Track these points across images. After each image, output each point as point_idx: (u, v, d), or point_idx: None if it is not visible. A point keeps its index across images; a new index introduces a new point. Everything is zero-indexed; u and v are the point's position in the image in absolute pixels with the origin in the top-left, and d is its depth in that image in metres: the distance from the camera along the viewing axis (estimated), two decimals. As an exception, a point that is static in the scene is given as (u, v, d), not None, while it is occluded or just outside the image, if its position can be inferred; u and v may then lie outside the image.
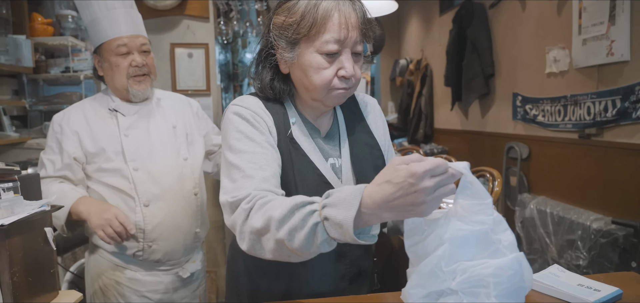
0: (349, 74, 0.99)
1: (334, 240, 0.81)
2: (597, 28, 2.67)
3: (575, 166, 3.07)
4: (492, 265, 0.78)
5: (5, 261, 0.95)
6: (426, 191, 0.73)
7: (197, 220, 1.69)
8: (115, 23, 1.57)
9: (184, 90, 3.14)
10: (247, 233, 0.89)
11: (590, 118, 2.83)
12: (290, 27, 1.00)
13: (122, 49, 1.57)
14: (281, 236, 0.82)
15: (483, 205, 0.80)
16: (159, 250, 1.58)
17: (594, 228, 2.70)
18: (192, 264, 1.72)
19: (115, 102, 1.63)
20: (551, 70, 3.22)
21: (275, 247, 0.85)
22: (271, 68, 1.09)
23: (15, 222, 0.96)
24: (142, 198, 1.55)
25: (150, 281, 1.61)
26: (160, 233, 1.58)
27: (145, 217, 1.55)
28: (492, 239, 0.80)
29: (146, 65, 1.61)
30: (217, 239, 3.28)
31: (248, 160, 0.96)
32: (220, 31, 3.73)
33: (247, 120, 1.02)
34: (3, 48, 2.50)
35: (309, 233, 0.81)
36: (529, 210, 3.31)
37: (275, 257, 0.88)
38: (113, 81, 1.61)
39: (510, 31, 3.78)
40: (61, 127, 1.56)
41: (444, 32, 4.88)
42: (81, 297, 1.19)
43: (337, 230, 0.79)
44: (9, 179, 1.04)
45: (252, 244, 0.89)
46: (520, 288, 0.80)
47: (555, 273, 1.06)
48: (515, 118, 3.73)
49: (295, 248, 0.82)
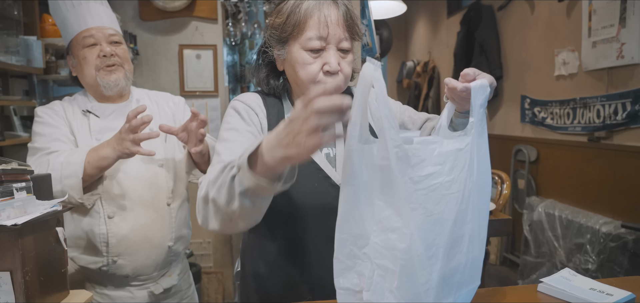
0: (333, 69, 1.04)
1: (248, 189, 0.82)
2: (608, 30, 2.65)
3: (584, 169, 3.05)
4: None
5: (18, 260, 0.96)
6: (318, 114, 0.69)
7: (171, 232, 1.54)
8: (82, 17, 1.51)
9: (192, 91, 3.16)
10: (198, 202, 0.94)
11: (599, 121, 2.81)
12: (279, 26, 1.09)
13: (88, 40, 1.50)
14: (213, 195, 0.87)
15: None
16: (126, 265, 1.47)
17: (604, 232, 2.68)
18: (167, 279, 1.58)
19: (91, 103, 1.55)
20: (560, 72, 3.20)
21: (213, 209, 0.89)
22: (266, 66, 1.18)
23: (28, 222, 0.97)
24: (106, 209, 1.45)
25: (121, 295, 1.50)
26: (126, 247, 1.46)
27: (109, 230, 1.44)
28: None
29: (115, 55, 1.52)
30: (224, 240, 3.29)
31: (227, 148, 1.03)
32: (229, 33, 3.74)
33: (238, 113, 1.11)
34: (14, 49, 2.52)
35: (229, 186, 0.84)
36: (537, 213, 3.29)
37: (221, 226, 0.91)
38: (84, 77, 1.52)
39: (519, 33, 3.77)
40: (48, 114, 1.49)
41: (452, 34, 4.86)
42: (91, 297, 1.19)
43: (243, 175, 0.81)
44: (22, 179, 1.04)
45: (202, 214, 0.93)
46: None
47: (567, 277, 1.05)
48: (524, 120, 3.71)
49: (222, 205, 0.86)
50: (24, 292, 0.97)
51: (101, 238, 1.44)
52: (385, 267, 0.77)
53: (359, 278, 0.82)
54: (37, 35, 2.72)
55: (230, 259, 3.31)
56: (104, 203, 1.45)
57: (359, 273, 0.82)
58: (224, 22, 3.47)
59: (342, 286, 0.84)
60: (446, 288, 0.82)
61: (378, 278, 0.78)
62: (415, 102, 5.87)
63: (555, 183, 3.39)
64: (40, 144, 1.44)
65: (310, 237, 1.09)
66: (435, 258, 0.78)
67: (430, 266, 0.77)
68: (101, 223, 1.45)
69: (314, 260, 1.10)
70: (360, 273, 0.82)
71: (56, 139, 1.44)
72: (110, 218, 1.45)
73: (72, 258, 1.49)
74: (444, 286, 0.81)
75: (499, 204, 2.10)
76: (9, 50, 2.49)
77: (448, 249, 0.80)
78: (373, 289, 0.78)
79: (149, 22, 3.10)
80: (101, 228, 1.44)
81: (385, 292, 0.77)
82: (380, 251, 0.77)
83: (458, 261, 0.83)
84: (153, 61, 3.15)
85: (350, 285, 0.83)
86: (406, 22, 6.52)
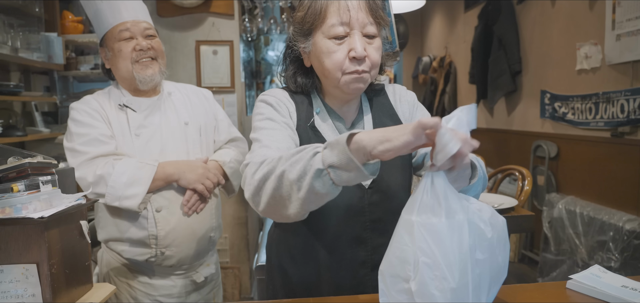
0: (359, 54, 1.01)
1: (332, 166, 0.81)
2: (633, 23, 2.58)
3: (607, 165, 2.98)
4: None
5: (44, 253, 0.97)
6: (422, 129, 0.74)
7: (212, 222, 1.61)
8: (117, 10, 1.52)
9: (208, 87, 3.16)
10: (253, 181, 0.92)
11: (623, 116, 2.75)
12: (301, 20, 1.07)
13: (125, 34, 1.51)
14: (283, 168, 0.86)
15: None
16: (172, 256, 1.52)
17: (627, 229, 2.62)
18: (206, 268, 1.64)
19: (125, 96, 1.56)
20: (582, 67, 3.14)
21: (274, 185, 0.87)
22: (293, 63, 1.16)
23: (54, 215, 0.98)
24: (154, 203, 1.48)
25: (164, 285, 1.55)
26: (174, 239, 1.51)
27: (158, 223, 1.48)
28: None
29: (152, 48, 1.54)
30: (241, 235, 3.30)
31: (267, 135, 1.03)
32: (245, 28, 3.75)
33: (270, 105, 1.10)
34: (36, 45, 2.55)
35: (307, 161, 0.83)
36: (557, 210, 3.23)
37: (269, 205, 0.90)
38: (119, 70, 1.54)
39: (539, 27, 3.70)
40: (84, 111, 1.49)
41: (469, 29, 4.80)
42: (115, 290, 1.20)
43: (333, 150, 0.81)
44: (47, 172, 1.05)
45: (256, 191, 0.91)
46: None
47: (596, 274, 1.02)
48: (543, 115, 3.65)
49: (292, 180, 0.84)
50: (50, 284, 0.98)
51: (151, 231, 1.49)
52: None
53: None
54: (57, 32, 2.75)
55: (246, 254, 3.32)
56: (152, 197, 1.49)
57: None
58: (240, 18, 3.47)
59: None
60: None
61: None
62: (431, 98, 5.82)
63: (577, 179, 3.33)
64: (81, 146, 1.45)
65: (334, 237, 1.08)
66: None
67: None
68: (150, 217, 1.49)
69: (337, 261, 1.10)
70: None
71: (95, 140, 1.45)
72: (158, 211, 1.49)
73: (119, 253, 1.53)
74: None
75: (520, 200, 2.06)
76: (30, 47, 2.53)
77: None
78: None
79: (166, 18, 3.12)
80: (150, 222, 1.49)
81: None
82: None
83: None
84: (170, 57, 3.17)
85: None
86: (422, 16, 6.46)
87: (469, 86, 4.83)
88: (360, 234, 1.09)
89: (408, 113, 1.19)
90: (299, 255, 1.13)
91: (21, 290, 0.97)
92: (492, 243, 0.76)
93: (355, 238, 1.09)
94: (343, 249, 1.09)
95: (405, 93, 1.23)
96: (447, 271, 0.72)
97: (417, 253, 0.74)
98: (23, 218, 0.95)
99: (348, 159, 0.79)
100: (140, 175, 1.42)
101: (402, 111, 1.19)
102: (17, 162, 1.01)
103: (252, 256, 3.43)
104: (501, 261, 0.78)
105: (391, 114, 1.18)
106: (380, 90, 1.22)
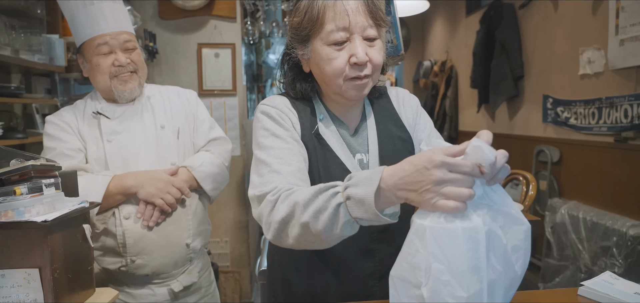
0: (360, 59, 0.97)
1: (356, 220, 0.81)
2: (636, 28, 2.57)
3: (610, 171, 2.97)
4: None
5: (47, 257, 0.95)
6: (435, 181, 0.71)
7: (188, 230, 1.52)
8: (95, 20, 1.43)
9: (210, 90, 3.15)
10: (273, 222, 0.90)
11: (627, 121, 2.73)
12: (298, 25, 1.03)
13: (103, 49, 1.45)
14: (306, 219, 0.83)
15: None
16: (145, 264, 1.46)
17: (631, 234, 2.60)
18: (187, 276, 1.56)
19: (100, 104, 1.52)
20: (585, 71, 3.13)
21: (299, 232, 0.86)
22: (292, 69, 1.12)
23: (57, 218, 0.96)
24: (122, 211, 1.43)
25: (142, 294, 1.49)
26: (144, 247, 1.45)
27: (126, 231, 1.43)
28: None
29: (131, 62, 1.49)
30: (241, 240, 3.28)
31: (274, 156, 0.99)
32: (247, 31, 3.74)
33: (273, 118, 1.05)
34: (37, 47, 2.53)
35: (332, 214, 0.81)
36: (559, 215, 3.21)
37: (298, 244, 0.89)
38: (97, 83, 1.50)
39: (542, 32, 3.69)
40: (55, 125, 1.47)
41: (471, 33, 4.79)
42: (117, 295, 1.18)
43: (359, 207, 0.79)
44: (50, 175, 1.04)
45: (278, 233, 0.90)
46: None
47: (608, 281, 1.01)
48: (546, 120, 3.64)
49: (319, 231, 0.83)
50: (53, 289, 0.96)
51: (119, 239, 1.44)
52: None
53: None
54: (59, 34, 2.74)
55: (247, 259, 3.30)
56: (120, 205, 1.45)
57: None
58: (243, 21, 3.46)
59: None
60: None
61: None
62: (432, 102, 5.81)
63: (579, 184, 3.31)
64: (49, 161, 1.43)
65: (341, 249, 1.05)
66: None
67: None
68: (118, 225, 1.44)
69: (345, 273, 1.08)
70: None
71: (62, 154, 1.43)
72: (126, 219, 1.44)
73: (97, 261, 1.49)
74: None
75: (525, 205, 2.05)
76: (32, 48, 2.51)
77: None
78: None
79: (168, 21, 3.11)
80: (118, 230, 1.44)
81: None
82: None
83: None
84: (172, 60, 3.16)
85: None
86: (423, 20, 6.46)
87: (470, 90, 4.82)
88: (368, 245, 1.07)
89: (412, 119, 1.17)
90: (304, 267, 1.11)
91: (23, 295, 0.95)
92: (507, 250, 0.74)
93: (363, 249, 1.07)
94: (351, 261, 1.07)
95: (408, 98, 1.20)
96: (461, 278, 0.70)
97: (430, 259, 0.72)
98: (26, 221, 0.93)
99: (375, 216, 0.79)
100: (92, 189, 1.37)
101: (405, 116, 1.17)
102: (20, 164, 0.99)
103: (253, 261, 3.41)
104: (519, 269, 0.76)
105: (395, 119, 1.16)
106: (383, 93, 1.20)
